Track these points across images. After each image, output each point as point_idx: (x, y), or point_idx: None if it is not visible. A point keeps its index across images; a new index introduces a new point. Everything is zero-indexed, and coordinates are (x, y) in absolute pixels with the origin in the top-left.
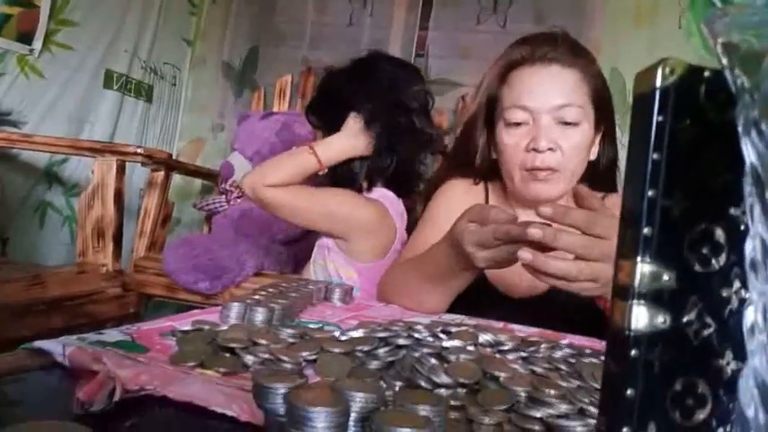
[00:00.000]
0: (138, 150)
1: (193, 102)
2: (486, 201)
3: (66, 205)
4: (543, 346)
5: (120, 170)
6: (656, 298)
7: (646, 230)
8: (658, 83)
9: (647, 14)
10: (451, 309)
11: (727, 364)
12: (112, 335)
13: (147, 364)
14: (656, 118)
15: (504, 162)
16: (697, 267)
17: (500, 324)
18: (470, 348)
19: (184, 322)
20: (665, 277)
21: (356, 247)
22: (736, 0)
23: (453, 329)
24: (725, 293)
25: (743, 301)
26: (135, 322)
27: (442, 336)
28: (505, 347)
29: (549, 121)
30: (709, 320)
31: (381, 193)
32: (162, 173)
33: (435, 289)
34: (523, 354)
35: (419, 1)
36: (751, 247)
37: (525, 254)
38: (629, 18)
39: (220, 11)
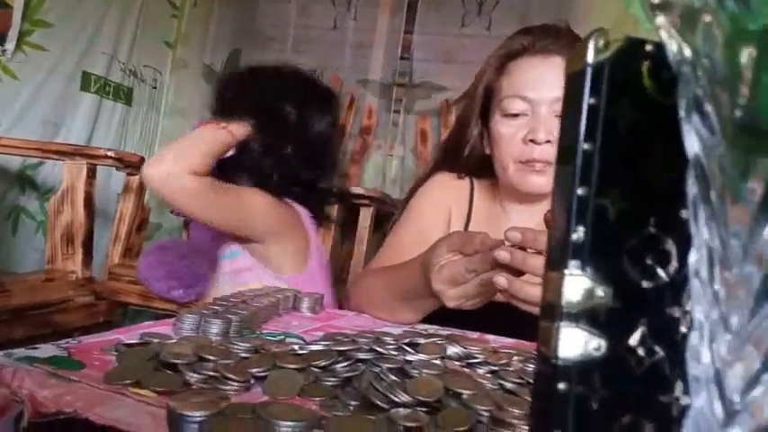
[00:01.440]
0: (109, 153)
1: (174, 105)
2: (471, 196)
3: (40, 210)
4: (515, 358)
5: (91, 174)
6: (588, 319)
7: (575, 236)
8: (590, 58)
9: (631, 19)
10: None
11: (677, 399)
12: (47, 349)
13: (77, 382)
14: (587, 100)
15: (498, 153)
16: (640, 281)
17: (475, 334)
18: (436, 362)
19: (133, 335)
20: (600, 293)
21: (271, 251)
22: None
23: (422, 341)
24: (675, 313)
25: (695, 322)
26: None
27: (407, 349)
28: (475, 360)
29: (549, 112)
30: (655, 346)
31: (290, 202)
32: (137, 177)
33: (406, 305)
34: (494, 367)
35: (403, 4)
36: (695, 259)
37: (501, 279)
38: (613, 23)
39: (202, 13)
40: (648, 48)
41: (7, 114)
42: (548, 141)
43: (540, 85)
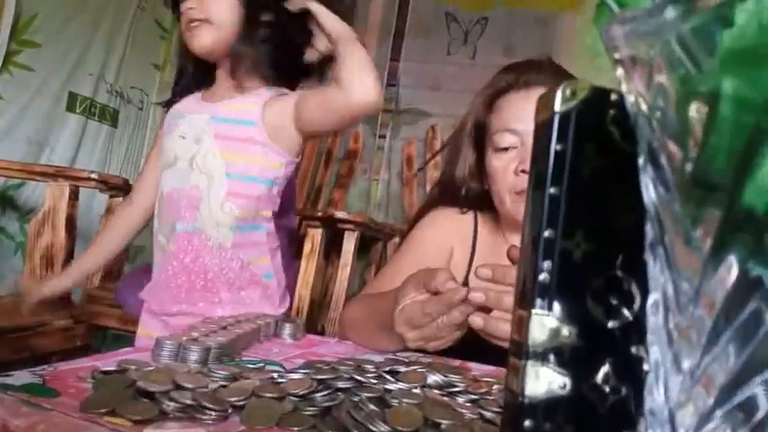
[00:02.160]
0: (92, 175)
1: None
2: (475, 230)
3: (20, 231)
4: (495, 387)
5: (73, 196)
6: (554, 357)
7: (542, 276)
8: (557, 107)
9: None
10: None
11: None
12: (21, 376)
13: (51, 411)
14: (554, 147)
15: (494, 186)
16: (604, 321)
17: (457, 362)
18: (416, 391)
19: (110, 362)
20: (566, 332)
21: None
22: (635, 5)
23: (402, 369)
24: (639, 351)
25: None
26: (79, 357)
27: (387, 377)
28: (455, 389)
29: None
30: (619, 384)
31: None
32: (120, 199)
33: (385, 335)
34: (474, 396)
35: (390, 32)
36: (653, 301)
37: (477, 320)
38: (597, 52)
39: None
40: (613, 97)
41: None
42: None
43: (526, 117)
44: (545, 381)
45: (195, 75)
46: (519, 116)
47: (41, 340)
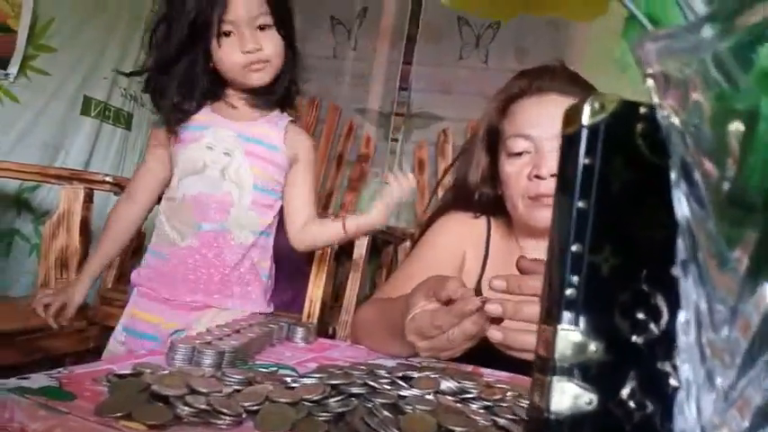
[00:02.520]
0: (107, 178)
1: None
2: (488, 235)
3: (35, 233)
4: (509, 393)
5: (88, 198)
6: (581, 373)
7: (569, 291)
8: (586, 120)
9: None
10: None
11: None
12: (38, 379)
13: (68, 414)
14: (582, 160)
15: (507, 192)
16: (631, 336)
17: (470, 367)
18: (430, 397)
19: (125, 365)
20: (593, 347)
21: None
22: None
23: (416, 375)
24: (665, 367)
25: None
26: (92, 359)
27: (401, 383)
28: (469, 395)
29: (551, 148)
30: (645, 400)
31: None
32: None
33: (396, 341)
34: (487, 402)
35: (403, 36)
36: (684, 319)
37: (496, 333)
38: (610, 57)
39: None
40: (643, 110)
41: (8, 137)
42: (552, 176)
43: (539, 122)
44: (571, 396)
45: (207, 90)
46: (532, 121)
47: (54, 342)
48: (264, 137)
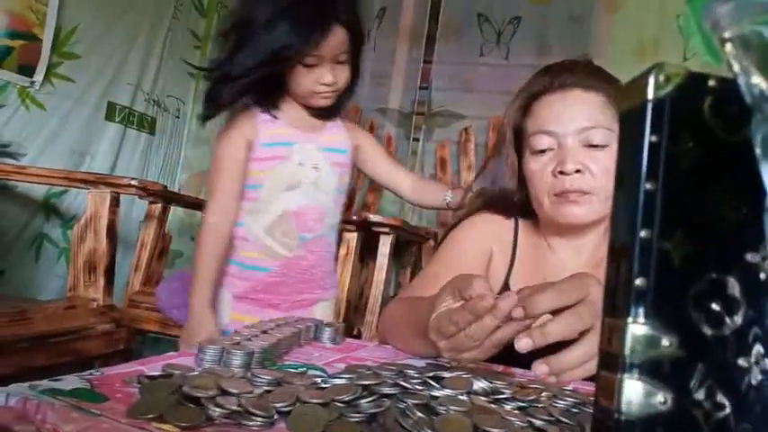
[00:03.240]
0: (133, 182)
1: (197, 135)
2: (516, 236)
3: (63, 237)
4: (544, 394)
5: (114, 202)
6: (653, 370)
7: (639, 281)
8: (650, 94)
9: (650, 47)
10: None
11: None
12: (70, 381)
13: (100, 416)
14: (648, 138)
15: (533, 190)
16: (706, 329)
17: (500, 367)
18: (462, 398)
19: (155, 366)
20: (665, 342)
21: None
22: None
23: (447, 375)
24: (742, 362)
25: (765, 374)
26: (121, 360)
27: (432, 383)
28: (502, 396)
29: (575, 143)
30: (722, 399)
31: None
32: (159, 205)
33: (424, 343)
34: (522, 403)
35: (422, 34)
36: None
37: (524, 342)
38: (633, 51)
39: None
40: (711, 83)
41: (35, 143)
42: (577, 171)
43: (562, 118)
44: (643, 396)
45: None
46: (555, 118)
47: (85, 344)
48: (337, 143)
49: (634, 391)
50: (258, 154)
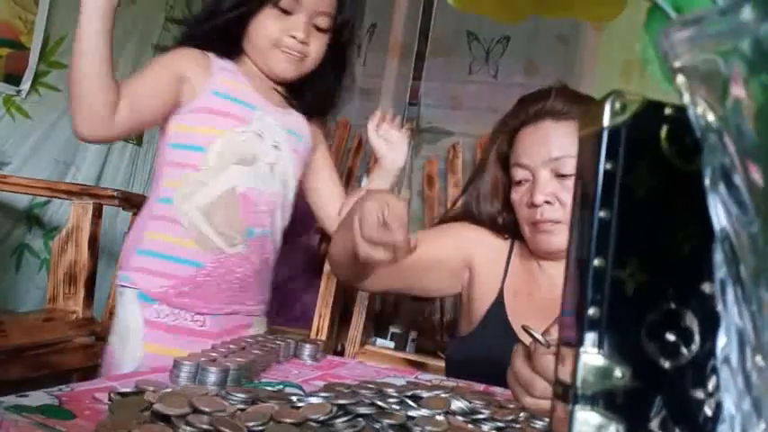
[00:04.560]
0: (115, 194)
1: None
2: (509, 257)
3: (45, 248)
4: (522, 414)
5: (97, 213)
6: (606, 401)
7: (591, 310)
8: (606, 122)
9: (637, 67)
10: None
11: None
12: (37, 397)
13: None
14: (603, 166)
15: (518, 218)
16: (661, 360)
17: (481, 386)
18: (440, 418)
19: (127, 382)
20: (618, 373)
21: None
22: (695, 7)
23: (425, 394)
24: (698, 394)
25: (721, 405)
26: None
27: (410, 403)
28: (480, 416)
29: (547, 174)
30: (677, 431)
31: None
32: None
33: (347, 235)
34: (500, 423)
35: (412, 51)
36: (723, 343)
37: (527, 400)
38: (620, 70)
39: None
40: (668, 111)
41: (19, 153)
42: (547, 202)
43: (533, 151)
44: (594, 427)
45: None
46: (527, 151)
47: (62, 357)
48: (301, 130)
49: (586, 423)
50: (207, 103)
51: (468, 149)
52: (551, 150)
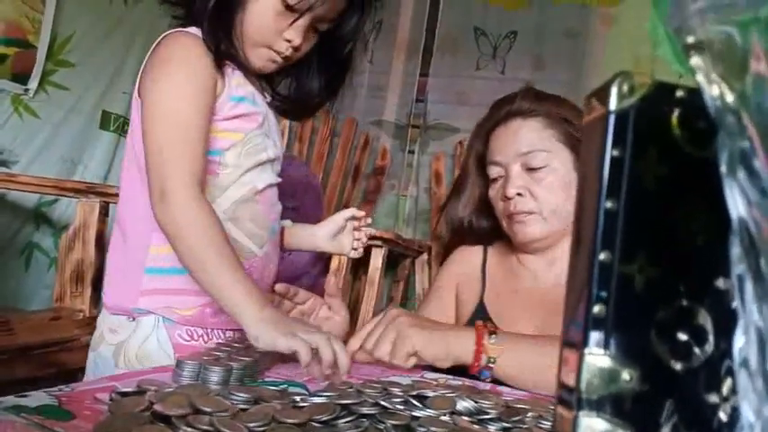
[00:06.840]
0: None
1: None
2: (484, 262)
3: (54, 247)
4: (529, 414)
5: (104, 212)
6: (613, 406)
7: (597, 308)
8: (613, 105)
9: (646, 62)
10: None
11: None
12: (37, 397)
13: None
14: (609, 152)
15: (496, 214)
16: (672, 362)
17: (487, 386)
18: (445, 419)
19: (130, 382)
20: (626, 376)
21: None
22: None
23: (431, 394)
24: (712, 399)
25: (737, 410)
26: None
27: (415, 403)
28: (486, 416)
29: (518, 169)
30: None
31: None
32: None
33: None
34: (506, 424)
35: (419, 47)
36: (742, 344)
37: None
38: (629, 66)
39: None
40: (679, 94)
41: (27, 151)
42: (519, 194)
43: (505, 148)
44: None
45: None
46: (500, 148)
47: (69, 356)
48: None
49: (591, 430)
50: (227, 110)
51: None
52: (520, 146)
